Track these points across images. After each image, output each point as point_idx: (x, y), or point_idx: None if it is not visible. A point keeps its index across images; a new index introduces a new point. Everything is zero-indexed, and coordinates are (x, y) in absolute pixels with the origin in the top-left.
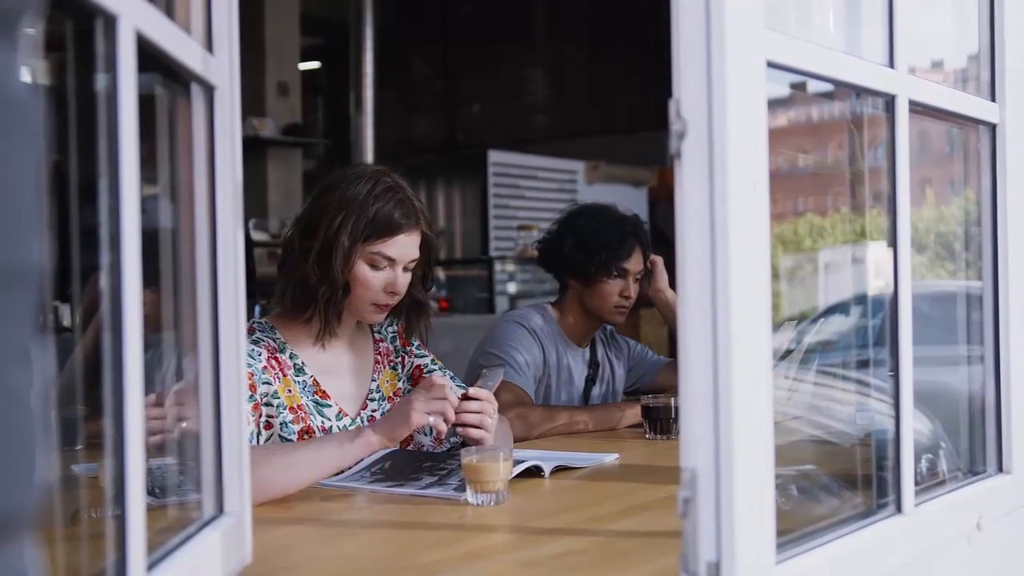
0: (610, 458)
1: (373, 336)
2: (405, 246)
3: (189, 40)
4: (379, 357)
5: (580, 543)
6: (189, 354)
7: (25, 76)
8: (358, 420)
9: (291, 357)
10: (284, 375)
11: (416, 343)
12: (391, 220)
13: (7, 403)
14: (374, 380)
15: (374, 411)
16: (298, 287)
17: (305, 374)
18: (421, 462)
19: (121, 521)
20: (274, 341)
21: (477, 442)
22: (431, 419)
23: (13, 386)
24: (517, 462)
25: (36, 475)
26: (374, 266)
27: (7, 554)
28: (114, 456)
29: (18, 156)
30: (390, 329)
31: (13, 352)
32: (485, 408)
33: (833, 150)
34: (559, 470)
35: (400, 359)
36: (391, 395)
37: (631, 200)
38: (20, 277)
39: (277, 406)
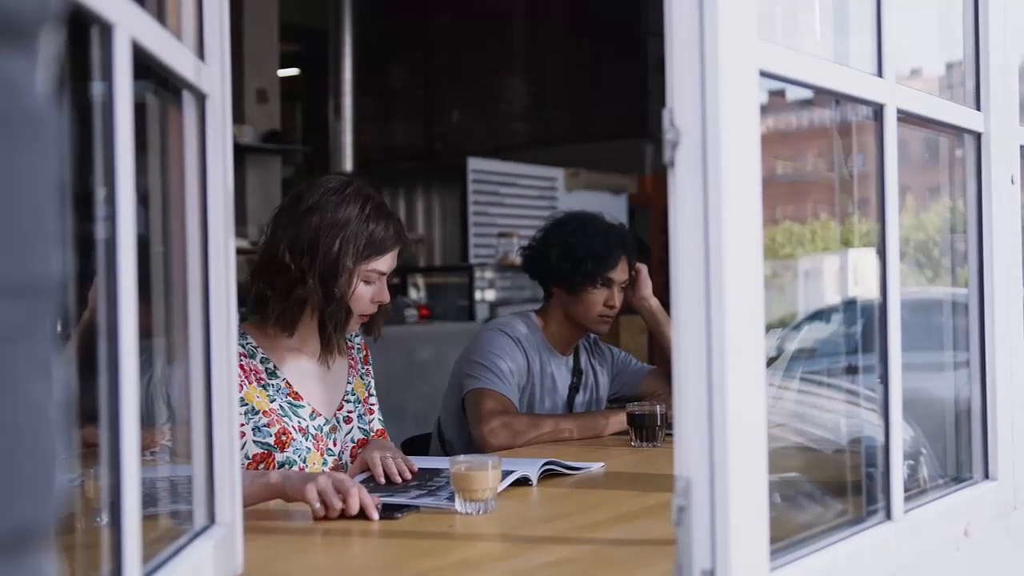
0: (596, 466)
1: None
2: (393, 259)
3: (182, 48)
4: (352, 362)
5: (571, 551)
6: (179, 363)
7: (44, 86)
8: (333, 420)
9: (262, 362)
10: (250, 381)
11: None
12: (386, 239)
13: (29, 416)
14: (349, 383)
15: (350, 412)
16: (296, 307)
17: (278, 377)
18: (409, 481)
19: (116, 531)
20: (243, 347)
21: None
22: (316, 505)
23: (35, 399)
24: (505, 472)
25: (56, 487)
26: (367, 282)
27: (28, 566)
28: (110, 466)
29: (37, 168)
30: (357, 339)
31: (34, 365)
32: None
33: (812, 158)
34: (548, 475)
35: (364, 371)
36: (364, 399)
37: (610, 207)
38: (40, 290)
39: (245, 412)
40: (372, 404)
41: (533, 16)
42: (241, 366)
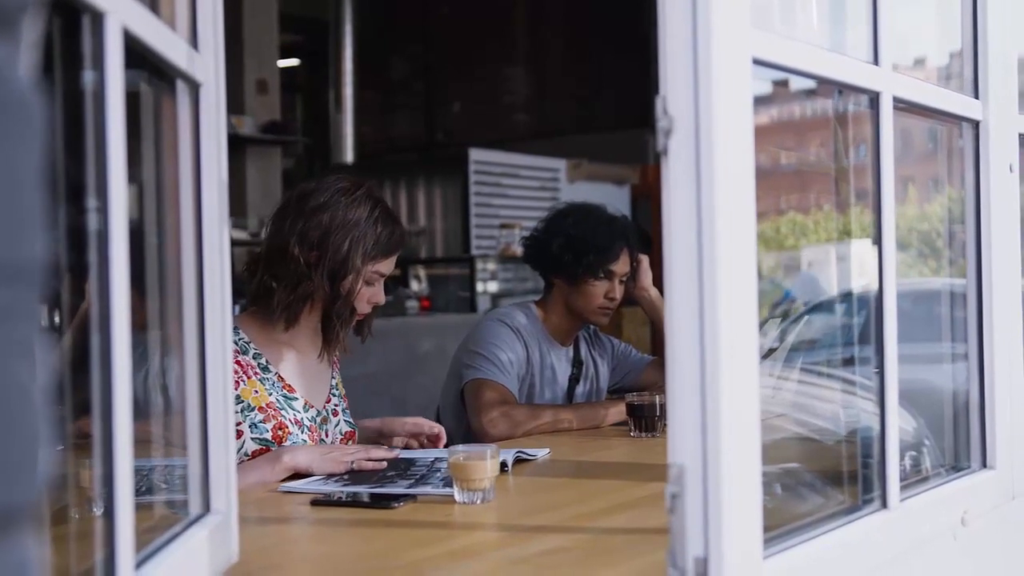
0: (543, 453)
1: None
2: (393, 263)
3: (175, 37)
4: (335, 359)
5: (567, 540)
6: (174, 354)
7: (26, 71)
8: (325, 411)
9: (255, 357)
10: (248, 376)
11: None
12: (392, 242)
13: (13, 397)
14: (333, 378)
15: (336, 405)
16: (301, 301)
17: (271, 371)
18: (385, 470)
19: (109, 519)
20: (235, 343)
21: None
22: (354, 465)
23: (19, 381)
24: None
25: (39, 470)
26: (368, 283)
27: (11, 547)
28: (102, 456)
29: (21, 153)
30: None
31: (18, 347)
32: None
33: (815, 148)
34: (546, 467)
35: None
36: (343, 395)
37: (613, 198)
38: (24, 273)
39: (242, 410)
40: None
41: (534, 6)
42: (238, 362)
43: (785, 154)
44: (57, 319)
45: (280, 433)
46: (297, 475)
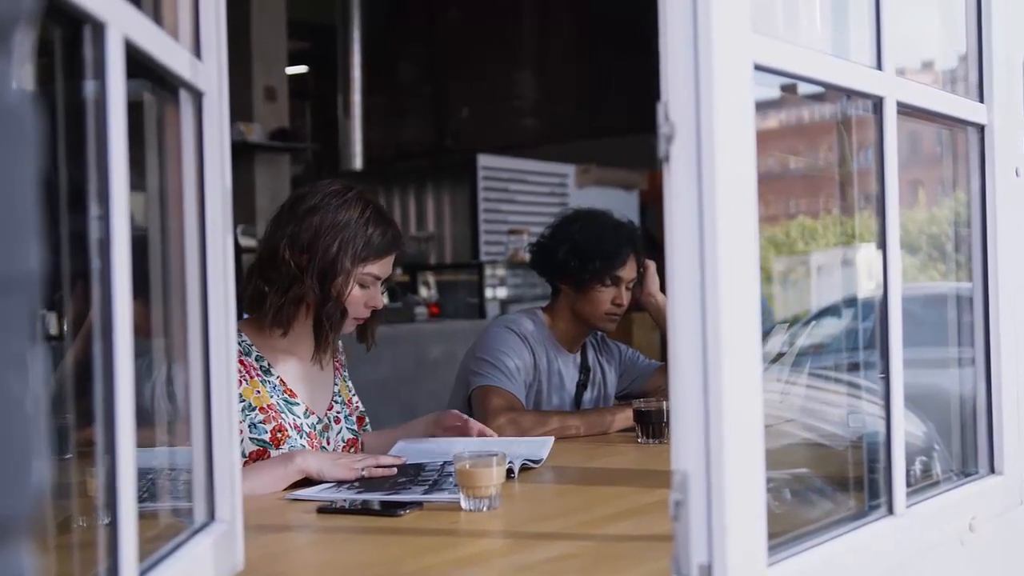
0: (546, 447)
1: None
2: (390, 265)
3: (177, 46)
4: (337, 365)
5: (573, 547)
6: (179, 362)
7: (20, 84)
8: (326, 419)
9: (257, 360)
10: (251, 377)
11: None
12: (385, 244)
13: (6, 409)
14: (336, 385)
15: (338, 413)
16: (293, 304)
17: (272, 375)
18: (397, 476)
19: (113, 528)
20: (239, 345)
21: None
22: (364, 472)
23: (11, 392)
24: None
25: (33, 480)
26: (362, 285)
27: (8, 557)
28: (105, 464)
29: (14, 163)
30: (339, 343)
31: (11, 359)
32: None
33: (824, 152)
34: (524, 469)
35: (345, 375)
36: (348, 400)
37: (622, 204)
38: (17, 284)
39: (243, 408)
40: (356, 404)
41: (541, 10)
42: (241, 362)
43: (794, 158)
44: (65, 328)
45: (279, 436)
46: (306, 480)
